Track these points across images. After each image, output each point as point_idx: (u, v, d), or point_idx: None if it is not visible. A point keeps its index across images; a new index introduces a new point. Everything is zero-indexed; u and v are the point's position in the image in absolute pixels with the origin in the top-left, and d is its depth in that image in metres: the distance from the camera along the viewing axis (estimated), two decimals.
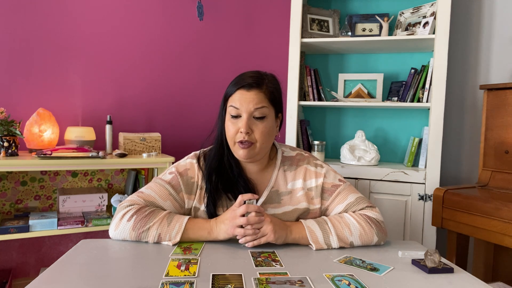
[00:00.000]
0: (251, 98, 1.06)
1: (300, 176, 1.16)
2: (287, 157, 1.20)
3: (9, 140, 1.77)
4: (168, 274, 0.84)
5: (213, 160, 1.13)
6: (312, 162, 1.19)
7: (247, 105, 1.05)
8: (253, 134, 1.06)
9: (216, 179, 1.11)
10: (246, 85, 1.07)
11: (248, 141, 1.05)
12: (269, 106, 1.09)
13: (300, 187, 1.15)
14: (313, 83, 2.29)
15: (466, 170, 2.26)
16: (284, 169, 1.17)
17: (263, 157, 1.14)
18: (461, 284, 0.85)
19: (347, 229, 1.05)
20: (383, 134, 2.37)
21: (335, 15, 2.34)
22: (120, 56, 2.24)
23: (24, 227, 1.73)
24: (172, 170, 1.15)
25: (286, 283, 0.81)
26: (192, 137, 2.45)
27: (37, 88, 2.05)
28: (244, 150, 1.06)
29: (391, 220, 2.03)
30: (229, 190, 1.12)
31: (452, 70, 2.26)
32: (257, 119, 1.07)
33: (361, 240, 1.07)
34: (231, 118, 1.08)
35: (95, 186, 2.19)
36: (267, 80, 1.11)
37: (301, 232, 1.06)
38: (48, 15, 2.05)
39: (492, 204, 1.52)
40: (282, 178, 1.16)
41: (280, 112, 1.16)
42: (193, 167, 1.15)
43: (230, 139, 1.09)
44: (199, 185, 1.13)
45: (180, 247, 1.02)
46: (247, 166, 1.15)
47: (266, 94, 1.08)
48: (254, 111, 1.06)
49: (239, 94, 1.07)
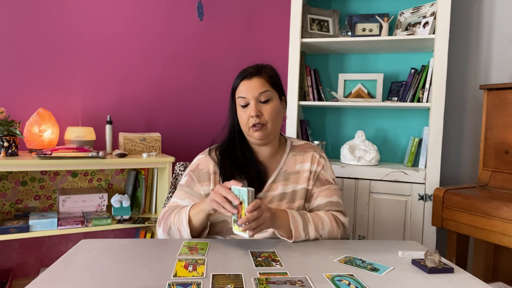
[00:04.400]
0: (254, 85, 1.19)
1: (308, 159, 1.28)
2: (295, 145, 1.32)
3: (9, 140, 1.77)
4: (176, 275, 0.83)
5: (225, 148, 1.25)
6: (318, 152, 1.31)
7: (251, 92, 1.18)
8: (263, 116, 1.18)
9: (229, 163, 1.22)
10: (248, 75, 1.20)
11: (260, 123, 1.17)
12: (271, 90, 1.21)
13: (308, 169, 1.26)
14: (313, 83, 2.29)
15: (466, 170, 2.26)
16: (293, 154, 1.29)
17: (274, 140, 1.26)
18: (461, 284, 0.85)
19: (320, 223, 1.16)
20: (383, 134, 2.37)
21: (335, 15, 2.34)
22: (120, 56, 2.24)
23: (24, 227, 1.74)
24: (186, 172, 1.28)
25: (286, 283, 0.81)
26: (192, 137, 2.45)
27: (37, 88, 2.05)
28: (258, 132, 1.18)
29: (391, 220, 2.03)
30: (242, 173, 1.21)
31: (452, 70, 2.26)
32: (263, 102, 1.19)
33: (329, 235, 1.17)
34: (241, 108, 1.20)
35: (95, 186, 2.19)
36: (265, 68, 1.24)
37: (285, 218, 1.11)
38: (48, 15, 2.05)
39: (492, 204, 1.52)
40: (292, 160, 1.28)
41: (283, 95, 1.28)
42: (203, 160, 1.27)
43: (244, 126, 1.21)
44: (212, 171, 1.24)
45: (186, 247, 1.02)
46: (259, 151, 1.26)
47: (266, 79, 1.21)
48: (259, 96, 1.18)
49: (243, 85, 1.20)
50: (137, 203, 2.15)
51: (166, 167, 1.99)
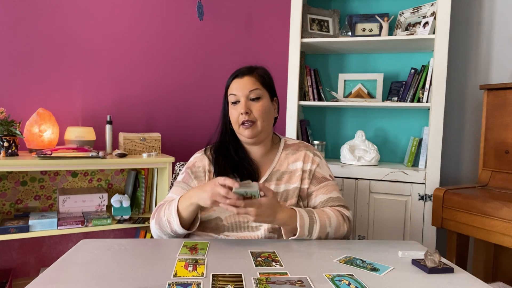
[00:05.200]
0: (245, 83, 1.21)
1: (300, 159, 1.27)
2: (289, 144, 1.33)
3: (9, 140, 1.77)
4: (176, 275, 0.84)
5: (218, 146, 1.28)
6: (312, 150, 1.31)
7: (242, 90, 1.21)
8: (252, 114, 1.20)
9: (223, 162, 1.23)
10: (240, 74, 1.24)
11: (249, 120, 1.19)
12: (262, 89, 1.23)
13: (300, 168, 1.26)
14: (313, 83, 2.29)
15: (466, 170, 2.26)
16: (286, 153, 1.29)
17: (266, 139, 1.27)
18: (461, 284, 0.85)
19: (328, 220, 1.15)
20: (383, 134, 2.37)
21: (335, 15, 2.34)
22: (120, 56, 2.24)
23: (24, 227, 1.73)
24: (183, 170, 1.30)
25: (286, 283, 0.81)
26: (192, 137, 2.45)
27: (37, 88, 2.05)
28: (248, 130, 1.19)
29: (391, 220, 2.03)
30: (235, 171, 1.22)
31: (452, 70, 2.26)
32: (253, 100, 1.21)
33: (335, 232, 1.16)
34: (232, 105, 1.23)
35: (95, 186, 2.19)
36: (258, 69, 1.27)
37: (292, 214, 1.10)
38: (48, 15, 2.05)
39: (492, 204, 1.52)
40: (284, 160, 1.28)
41: (275, 97, 1.30)
42: (199, 158, 1.29)
43: (234, 124, 1.22)
44: (207, 169, 1.26)
45: (186, 247, 1.02)
46: (252, 150, 1.27)
47: (257, 78, 1.23)
48: (249, 93, 1.20)
49: (235, 83, 1.23)
50: (137, 203, 2.15)
51: (166, 167, 1.99)
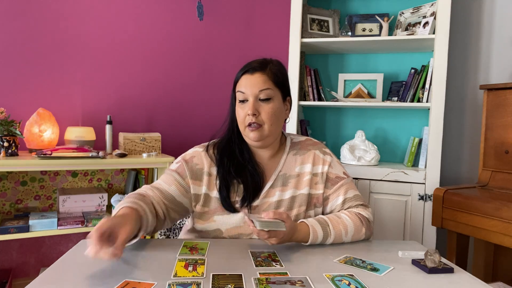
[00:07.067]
0: (256, 81, 1.09)
1: (309, 161, 1.18)
2: (296, 142, 1.23)
3: (9, 140, 1.77)
4: (176, 275, 0.83)
5: (224, 145, 1.16)
6: (321, 149, 1.22)
7: (251, 88, 1.09)
8: (260, 116, 1.09)
9: (228, 163, 1.13)
10: (250, 69, 1.11)
11: (256, 123, 1.09)
12: (274, 88, 1.11)
13: (309, 171, 1.17)
14: (313, 83, 2.29)
15: (466, 170, 2.26)
16: (293, 153, 1.20)
17: (274, 143, 1.16)
18: (461, 284, 0.85)
19: (344, 231, 1.09)
20: (383, 134, 2.37)
21: (335, 15, 2.34)
22: (120, 56, 2.24)
23: (24, 227, 1.74)
24: (179, 159, 1.17)
25: (286, 283, 0.81)
26: (192, 137, 2.45)
27: (37, 88, 2.05)
28: (253, 133, 1.09)
29: (391, 220, 2.03)
30: (239, 175, 1.13)
31: (452, 70, 2.26)
32: (262, 101, 1.10)
33: (352, 240, 1.11)
34: (239, 103, 1.12)
35: (95, 186, 2.19)
36: (271, 64, 1.14)
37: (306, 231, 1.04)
38: (48, 15, 2.05)
39: (492, 204, 1.52)
40: (291, 162, 1.18)
41: (288, 96, 1.18)
42: (199, 154, 1.16)
43: (240, 124, 1.12)
44: (206, 171, 1.14)
45: (186, 247, 1.02)
46: (258, 152, 1.18)
47: (269, 76, 1.11)
48: (259, 93, 1.09)
49: (244, 79, 1.11)
50: None
51: (166, 167, 1.99)
